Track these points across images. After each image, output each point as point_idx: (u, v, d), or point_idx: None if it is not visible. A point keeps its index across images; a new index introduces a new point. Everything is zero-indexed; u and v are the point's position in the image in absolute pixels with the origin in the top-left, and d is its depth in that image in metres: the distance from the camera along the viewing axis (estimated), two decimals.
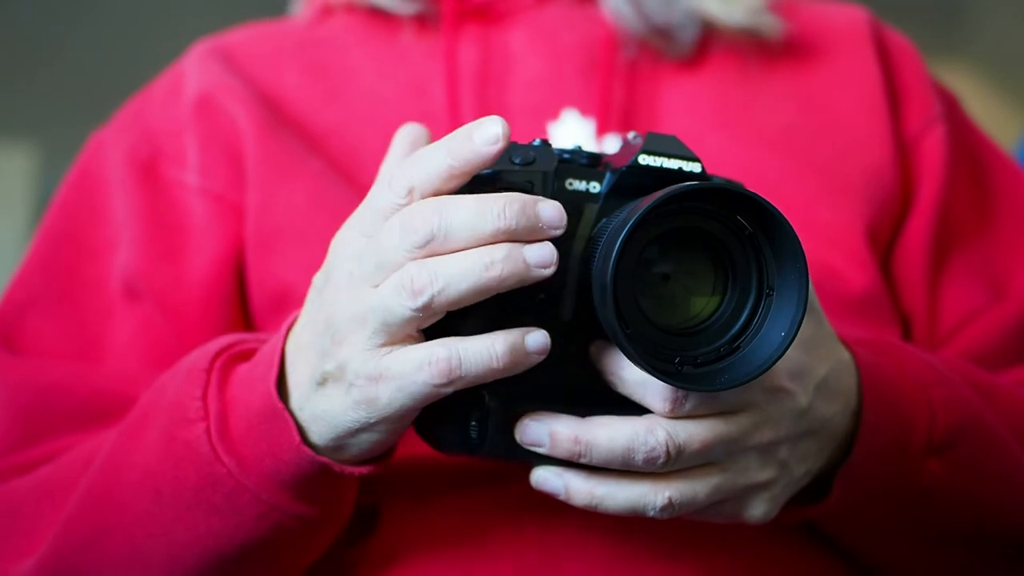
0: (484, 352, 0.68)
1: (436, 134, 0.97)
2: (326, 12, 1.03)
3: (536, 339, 0.69)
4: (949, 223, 0.99)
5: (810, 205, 0.95)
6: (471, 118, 0.97)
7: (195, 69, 0.99)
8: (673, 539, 0.82)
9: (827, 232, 0.94)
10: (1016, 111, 3.39)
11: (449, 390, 0.68)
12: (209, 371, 0.77)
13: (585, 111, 0.97)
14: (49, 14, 3.29)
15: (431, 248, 0.67)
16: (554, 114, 0.97)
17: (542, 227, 0.67)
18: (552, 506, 0.76)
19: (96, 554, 0.81)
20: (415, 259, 0.67)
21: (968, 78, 3.29)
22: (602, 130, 0.96)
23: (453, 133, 0.70)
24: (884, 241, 0.97)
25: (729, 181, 0.77)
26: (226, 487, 0.75)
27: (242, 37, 1.03)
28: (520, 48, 0.99)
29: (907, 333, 0.97)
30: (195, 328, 0.92)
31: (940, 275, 0.98)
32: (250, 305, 0.93)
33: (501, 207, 0.67)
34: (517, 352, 0.68)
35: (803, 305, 0.67)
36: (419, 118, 0.98)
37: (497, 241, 0.67)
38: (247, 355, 0.79)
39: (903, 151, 0.99)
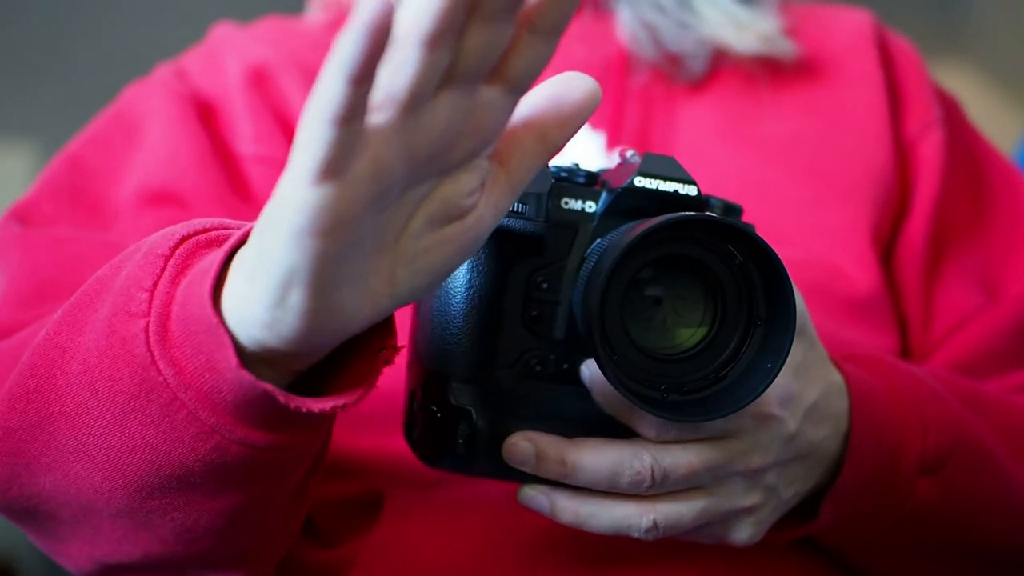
0: None
1: None
2: (340, 18, 1.03)
3: None
4: (945, 226, 0.99)
5: (816, 210, 0.95)
6: None
7: (233, 40, 0.98)
8: (669, 541, 0.82)
9: (833, 235, 0.94)
10: (1016, 112, 3.38)
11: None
12: (168, 257, 0.66)
13: (595, 124, 0.97)
14: (50, 14, 3.29)
15: None
16: None
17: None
18: None
19: (43, 439, 0.70)
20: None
21: (968, 79, 3.29)
22: (612, 144, 0.96)
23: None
24: (885, 243, 0.98)
25: (726, 207, 0.76)
26: (162, 397, 0.64)
27: (264, 31, 1.03)
28: None
29: (904, 336, 0.97)
30: None
31: (935, 278, 0.98)
32: None
33: None
34: None
35: (790, 338, 0.67)
36: None
37: None
38: (222, 244, 0.67)
39: (901, 154, 1.00)
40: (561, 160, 0.91)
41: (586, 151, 0.96)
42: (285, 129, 0.94)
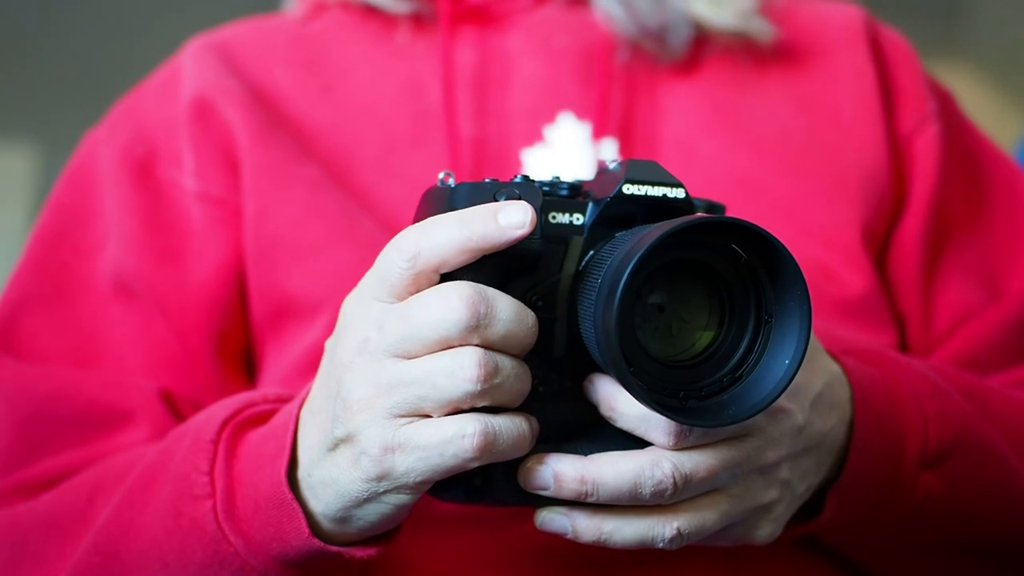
0: (515, 429, 0.68)
1: (431, 134, 0.97)
2: (319, 8, 1.03)
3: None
4: (943, 222, 0.98)
5: (805, 207, 0.95)
6: (467, 120, 0.97)
7: (191, 66, 0.98)
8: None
9: (823, 234, 0.94)
10: (1016, 111, 3.39)
11: (476, 464, 0.67)
12: (216, 442, 0.76)
13: (581, 114, 0.96)
14: (49, 12, 3.29)
15: (480, 334, 0.66)
16: (550, 117, 0.96)
17: None
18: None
19: None
20: (464, 342, 0.66)
21: (968, 77, 3.29)
22: (599, 133, 0.96)
23: (473, 209, 0.68)
24: (879, 241, 0.97)
25: (708, 205, 0.75)
26: (234, 565, 0.75)
27: (237, 32, 1.02)
28: (517, 51, 0.99)
29: (902, 334, 0.96)
30: (197, 331, 0.92)
31: (934, 274, 0.98)
32: (250, 314, 0.93)
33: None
34: (534, 435, 0.69)
35: (807, 331, 0.66)
36: (414, 116, 0.97)
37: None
38: (257, 420, 0.78)
39: (896, 150, 0.99)
40: (540, 174, 0.90)
41: (573, 142, 0.95)
42: (226, 159, 0.95)
